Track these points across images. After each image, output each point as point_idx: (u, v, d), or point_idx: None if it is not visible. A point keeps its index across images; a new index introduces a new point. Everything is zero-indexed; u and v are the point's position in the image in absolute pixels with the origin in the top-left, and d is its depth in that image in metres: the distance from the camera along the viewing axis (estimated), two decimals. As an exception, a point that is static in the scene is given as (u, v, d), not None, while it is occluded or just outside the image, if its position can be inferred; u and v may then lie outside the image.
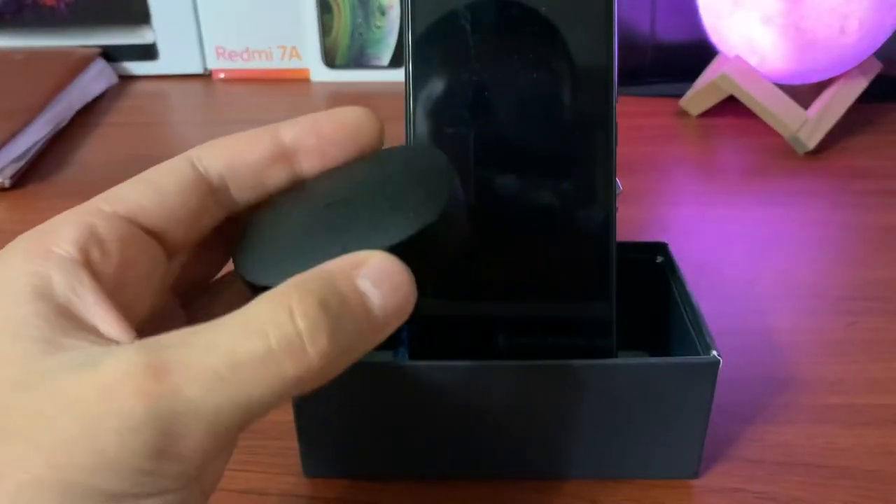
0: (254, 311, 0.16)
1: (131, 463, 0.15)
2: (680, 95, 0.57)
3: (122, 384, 0.15)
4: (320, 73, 0.65)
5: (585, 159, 0.25)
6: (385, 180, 0.20)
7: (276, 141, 0.21)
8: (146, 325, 0.19)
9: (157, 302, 0.20)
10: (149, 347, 0.16)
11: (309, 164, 0.21)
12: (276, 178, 0.21)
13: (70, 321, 0.17)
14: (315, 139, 0.21)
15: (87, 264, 0.18)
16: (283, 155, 0.21)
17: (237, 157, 0.20)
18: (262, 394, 0.16)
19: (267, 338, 0.16)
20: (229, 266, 0.22)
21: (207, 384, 0.15)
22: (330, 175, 0.21)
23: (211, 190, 0.20)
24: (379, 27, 0.63)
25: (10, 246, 0.18)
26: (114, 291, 0.18)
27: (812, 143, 0.50)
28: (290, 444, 0.27)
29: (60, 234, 0.18)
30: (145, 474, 0.15)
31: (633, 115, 0.56)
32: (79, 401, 0.15)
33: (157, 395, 0.15)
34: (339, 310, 0.17)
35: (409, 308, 0.18)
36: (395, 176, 0.20)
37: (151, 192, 0.19)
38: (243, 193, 0.21)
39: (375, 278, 0.17)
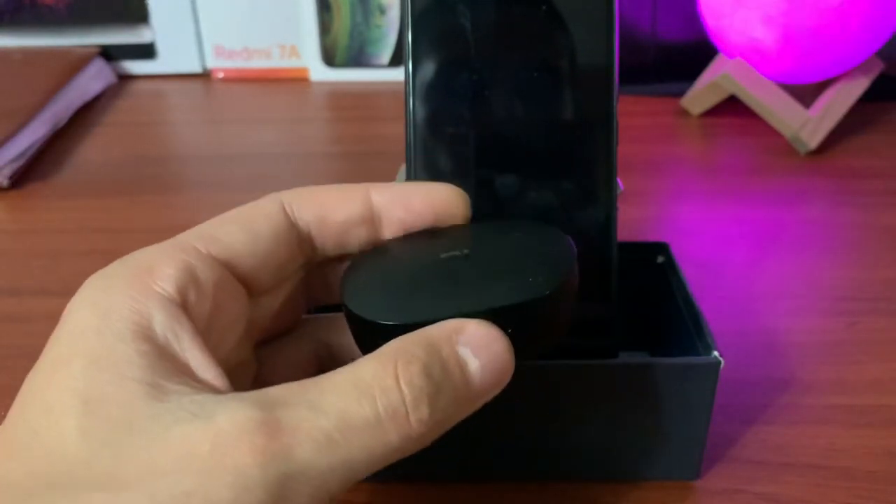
0: (362, 374, 0.17)
1: None
2: (681, 95, 0.57)
3: (238, 440, 0.15)
4: (320, 73, 0.65)
5: (586, 159, 0.25)
6: (506, 246, 0.20)
7: (367, 203, 0.21)
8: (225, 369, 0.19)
9: (240, 348, 0.21)
10: (261, 403, 0.16)
11: (390, 232, 0.21)
12: (359, 237, 0.21)
13: (170, 363, 0.17)
14: (403, 213, 0.21)
15: (185, 306, 0.18)
16: (370, 218, 0.21)
17: (328, 211, 0.21)
18: (365, 459, 0.16)
19: (375, 403, 0.16)
20: None
21: (319, 446, 0.16)
22: (449, 229, 0.21)
23: (299, 239, 0.21)
24: (378, 26, 0.63)
25: (107, 276, 0.18)
26: (204, 335, 0.18)
27: (814, 143, 0.49)
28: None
29: (161, 273, 0.18)
30: None
31: (633, 114, 0.56)
32: (194, 454, 0.15)
33: (272, 453, 0.15)
34: (440, 378, 0.17)
35: (507, 378, 0.18)
36: (517, 243, 0.20)
37: (245, 237, 0.20)
38: (327, 246, 0.21)
39: (476, 346, 0.18)
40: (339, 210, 0.21)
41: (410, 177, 0.25)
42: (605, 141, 0.25)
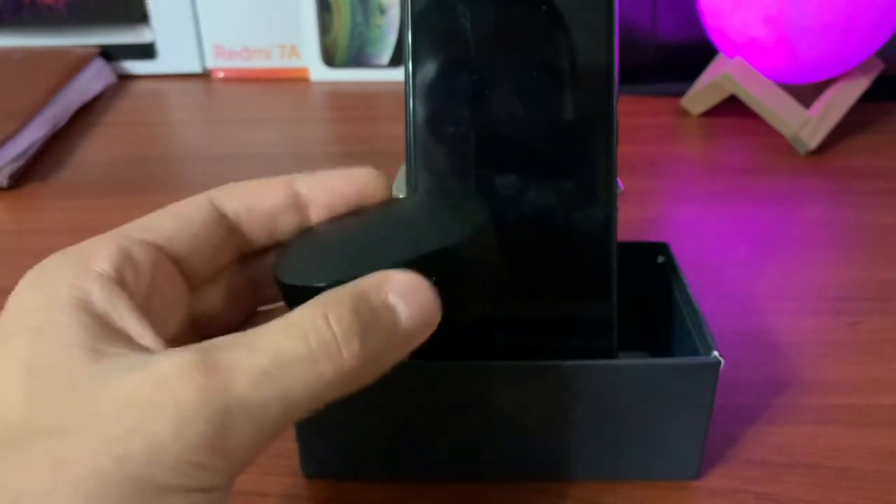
0: (294, 317, 0.18)
1: (186, 455, 0.16)
2: (681, 95, 0.57)
3: (177, 379, 0.16)
4: (319, 73, 0.65)
5: (586, 159, 0.25)
6: (422, 209, 0.22)
7: (291, 191, 0.22)
8: None
9: (180, 335, 0.21)
10: (199, 348, 0.17)
11: (318, 217, 0.23)
12: (287, 224, 0.23)
13: (108, 330, 0.18)
14: (326, 195, 0.23)
15: (122, 283, 0.19)
16: (296, 205, 0.22)
17: (254, 201, 0.22)
18: (302, 392, 0.17)
19: (307, 340, 0.17)
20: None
21: (256, 380, 0.16)
22: (371, 206, 0.23)
23: (229, 229, 0.22)
24: (378, 26, 0.63)
25: (49, 263, 0.19)
26: (143, 312, 0.19)
27: (814, 143, 0.49)
28: (289, 444, 0.27)
29: (99, 255, 0.19)
30: (198, 468, 0.16)
31: (633, 114, 0.56)
32: (136, 396, 0.16)
33: (211, 388, 0.16)
34: (369, 318, 0.18)
35: (434, 323, 0.19)
36: (433, 207, 0.22)
37: (175, 224, 0.21)
38: (256, 236, 0.22)
39: (402, 293, 0.19)
40: (265, 198, 0.22)
41: (410, 177, 0.25)
42: (605, 141, 0.25)
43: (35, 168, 0.50)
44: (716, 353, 0.24)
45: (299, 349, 0.17)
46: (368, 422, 0.26)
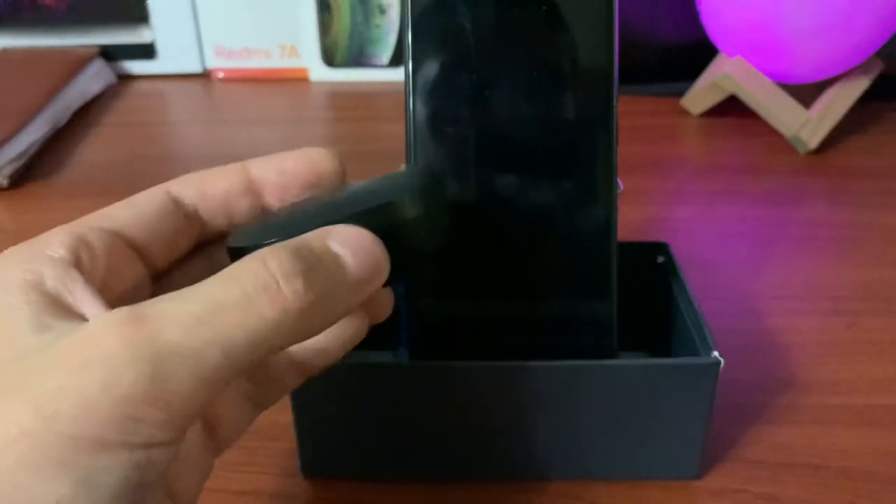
0: (229, 268, 0.18)
1: (118, 410, 0.15)
2: (681, 94, 0.57)
3: (105, 334, 0.16)
4: (319, 73, 0.65)
5: (586, 159, 0.25)
6: (373, 183, 0.22)
7: (244, 175, 0.23)
8: None
9: None
10: (130, 306, 0.17)
11: (272, 198, 0.23)
12: (243, 206, 0.23)
13: (59, 307, 0.18)
14: (278, 175, 0.23)
15: (78, 265, 0.19)
16: (250, 188, 0.23)
17: (208, 187, 0.22)
18: (243, 337, 0.17)
19: (243, 284, 0.17)
20: None
21: (187, 327, 0.16)
22: (327, 190, 0.23)
23: (185, 214, 0.22)
24: (378, 26, 0.63)
25: (6, 252, 0.19)
26: (101, 293, 0.19)
27: (814, 143, 0.49)
28: (289, 444, 0.27)
29: (53, 241, 0.19)
30: (132, 421, 0.15)
31: (633, 114, 0.56)
32: (66, 355, 0.16)
33: (139, 338, 0.16)
34: (312, 260, 0.18)
35: (382, 270, 0.19)
36: (385, 179, 0.22)
37: (133, 212, 0.21)
38: (213, 219, 0.23)
39: (345, 241, 0.19)
40: (218, 183, 0.22)
41: (410, 177, 0.25)
42: (605, 141, 0.25)
43: (35, 168, 0.50)
44: (716, 353, 0.24)
45: (234, 293, 0.17)
46: (368, 422, 0.26)
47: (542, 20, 0.24)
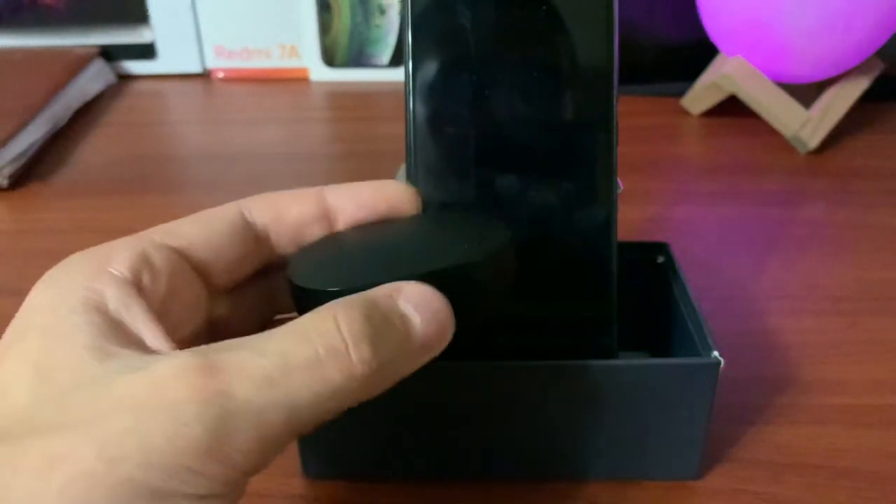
0: (301, 322, 0.17)
1: (180, 460, 0.15)
2: (681, 94, 0.57)
3: (175, 380, 0.16)
4: (319, 73, 0.65)
5: (586, 159, 0.25)
6: (446, 226, 0.22)
7: (320, 201, 0.22)
8: None
9: (196, 340, 0.21)
10: (201, 350, 0.16)
11: (342, 226, 0.23)
12: (315, 234, 0.22)
13: (120, 333, 0.17)
14: (355, 207, 0.22)
15: (138, 286, 0.18)
16: (324, 216, 0.22)
17: (282, 210, 0.22)
18: (308, 398, 0.16)
19: (314, 344, 0.17)
20: None
21: (258, 384, 0.16)
22: (397, 219, 0.23)
23: (256, 238, 0.22)
24: (378, 26, 0.63)
25: (66, 263, 0.19)
26: (159, 316, 0.18)
27: (814, 143, 0.49)
28: (290, 444, 0.27)
29: (116, 257, 0.19)
30: (193, 473, 0.15)
31: (633, 114, 0.56)
32: (131, 396, 0.16)
33: (210, 391, 0.16)
34: (381, 325, 0.18)
35: (448, 336, 0.19)
36: (457, 223, 0.22)
37: (201, 229, 0.21)
38: (283, 246, 0.22)
39: (415, 303, 0.18)
40: (293, 209, 0.22)
41: (410, 177, 0.25)
42: (605, 141, 0.25)
43: (35, 168, 0.50)
44: (716, 353, 0.24)
45: (306, 353, 0.17)
46: (369, 422, 0.26)
47: (542, 20, 0.24)
